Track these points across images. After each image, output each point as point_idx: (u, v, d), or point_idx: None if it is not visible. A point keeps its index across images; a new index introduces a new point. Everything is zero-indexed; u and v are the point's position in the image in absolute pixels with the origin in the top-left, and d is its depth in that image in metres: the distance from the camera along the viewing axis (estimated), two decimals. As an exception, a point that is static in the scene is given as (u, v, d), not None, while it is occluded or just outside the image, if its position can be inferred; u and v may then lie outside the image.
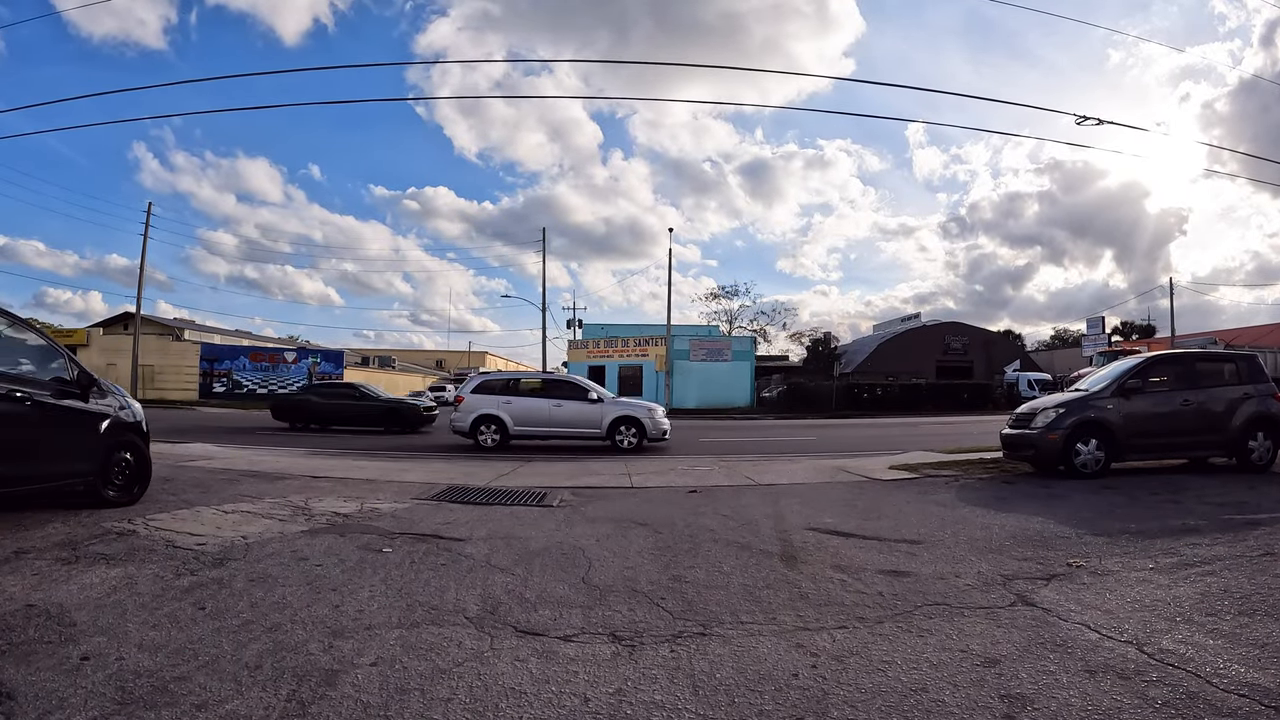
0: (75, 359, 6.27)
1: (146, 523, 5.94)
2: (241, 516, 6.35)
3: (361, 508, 7.01)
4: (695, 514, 7.00)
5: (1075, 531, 6.05)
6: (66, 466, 5.94)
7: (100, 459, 6.29)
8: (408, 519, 6.46)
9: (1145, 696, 2.79)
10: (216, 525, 5.88)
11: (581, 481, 9.60)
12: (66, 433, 5.98)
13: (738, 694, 2.84)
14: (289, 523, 6.09)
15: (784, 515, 6.93)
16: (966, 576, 4.60)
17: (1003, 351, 56.99)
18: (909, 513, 7.11)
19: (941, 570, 4.77)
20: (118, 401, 6.67)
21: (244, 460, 11.48)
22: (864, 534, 6.03)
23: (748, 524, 6.45)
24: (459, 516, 6.67)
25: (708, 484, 9.42)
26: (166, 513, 6.42)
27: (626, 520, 6.60)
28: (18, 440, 5.33)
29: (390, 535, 5.64)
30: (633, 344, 44.77)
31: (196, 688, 2.77)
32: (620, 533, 5.98)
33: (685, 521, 6.57)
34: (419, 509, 7.07)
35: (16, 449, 5.32)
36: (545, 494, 8.24)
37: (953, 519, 6.73)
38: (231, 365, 47.32)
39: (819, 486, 9.31)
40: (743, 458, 13.81)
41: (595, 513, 7.06)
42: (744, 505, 7.56)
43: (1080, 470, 9.59)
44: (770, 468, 11.51)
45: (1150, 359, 10.87)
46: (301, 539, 5.41)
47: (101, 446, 6.31)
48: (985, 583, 4.47)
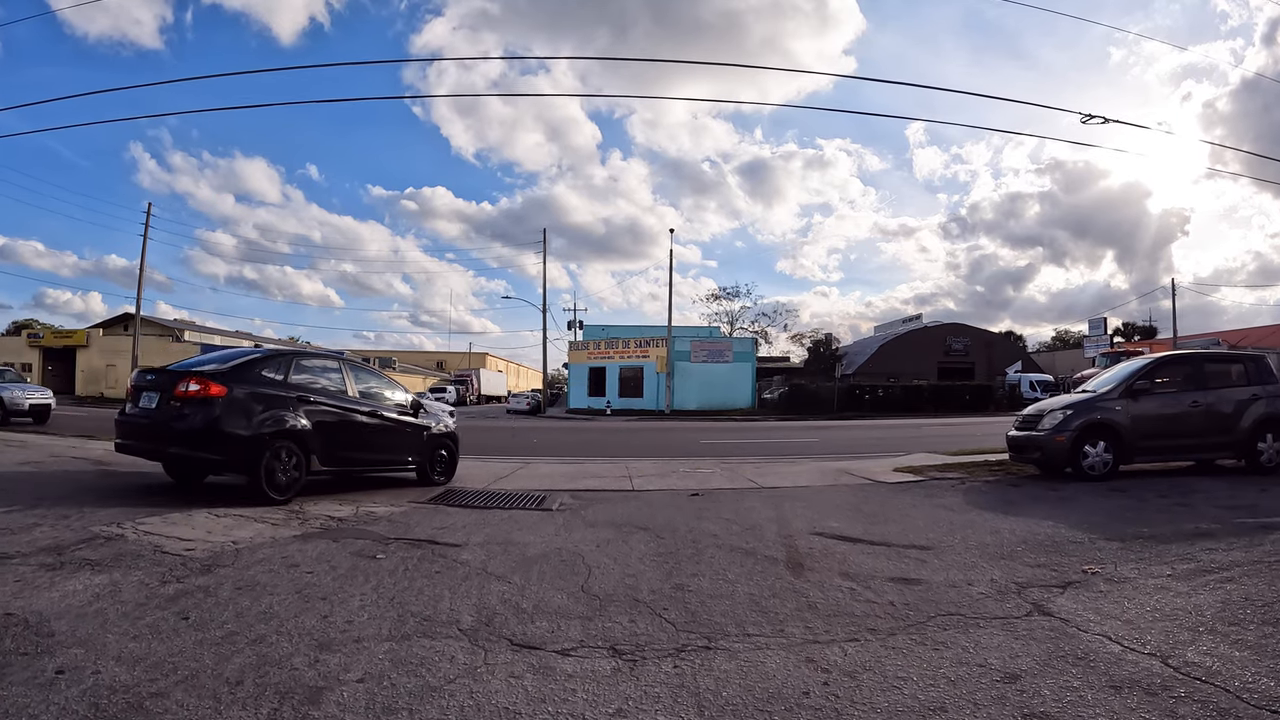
0: (408, 391, 9.56)
1: (136, 527, 5.79)
2: (233, 521, 6.20)
3: (357, 511, 6.86)
4: (698, 518, 6.85)
5: (1088, 536, 5.91)
6: (408, 457, 9.02)
7: (427, 454, 9.22)
8: (403, 523, 6.31)
9: (1175, 715, 2.65)
10: (208, 530, 5.74)
11: (581, 484, 9.46)
12: (407, 437, 8.97)
13: (746, 714, 2.69)
14: (282, 527, 5.95)
15: (788, 520, 6.78)
16: (979, 584, 4.45)
17: (1004, 353, 56.84)
18: (916, 517, 6.97)
19: (953, 578, 4.62)
20: (435, 419, 9.68)
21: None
22: (871, 539, 5.89)
23: (751, 529, 6.30)
24: (455, 521, 6.53)
25: (710, 487, 9.27)
26: (158, 516, 6.27)
27: (627, 525, 6.46)
28: (386, 441, 8.68)
29: (385, 541, 5.49)
30: (634, 345, 44.63)
31: (174, 705, 2.62)
32: (621, 538, 5.83)
33: (688, 526, 6.42)
34: (415, 513, 6.93)
35: (386, 446, 8.72)
36: (544, 497, 8.10)
37: (961, 523, 6.59)
38: (231, 366, 47.13)
39: (823, 490, 9.17)
40: (745, 460, 13.67)
41: (595, 517, 6.92)
42: (747, 509, 7.41)
43: (1088, 473, 9.45)
44: (773, 470, 11.36)
45: (1158, 360, 10.72)
46: (293, 545, 5.25)
47: (426, 446, 9.23)
48: (999, 591, 4.32)
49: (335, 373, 8.29)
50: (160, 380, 7.35)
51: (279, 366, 7.65)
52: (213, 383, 6.97)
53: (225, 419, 6.88)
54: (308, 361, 8.14)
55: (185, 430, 6.84)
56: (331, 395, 7.99)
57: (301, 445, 7.36)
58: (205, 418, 6.82)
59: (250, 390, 7.16)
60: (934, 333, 57.21)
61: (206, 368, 7.33)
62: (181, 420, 6.87)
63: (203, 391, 6.91)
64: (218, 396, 6.91)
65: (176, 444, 6.95)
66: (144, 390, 7.44)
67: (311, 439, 7.46)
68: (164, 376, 7.38)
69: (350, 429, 8.08)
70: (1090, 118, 17.02)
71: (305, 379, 7.78)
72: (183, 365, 7.81)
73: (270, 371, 7.52)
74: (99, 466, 9.78)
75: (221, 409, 6.88)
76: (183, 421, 6.86)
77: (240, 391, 7.07)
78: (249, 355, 7.88)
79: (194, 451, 6.95)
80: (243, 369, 7.35)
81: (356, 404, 8.27)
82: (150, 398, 7.32)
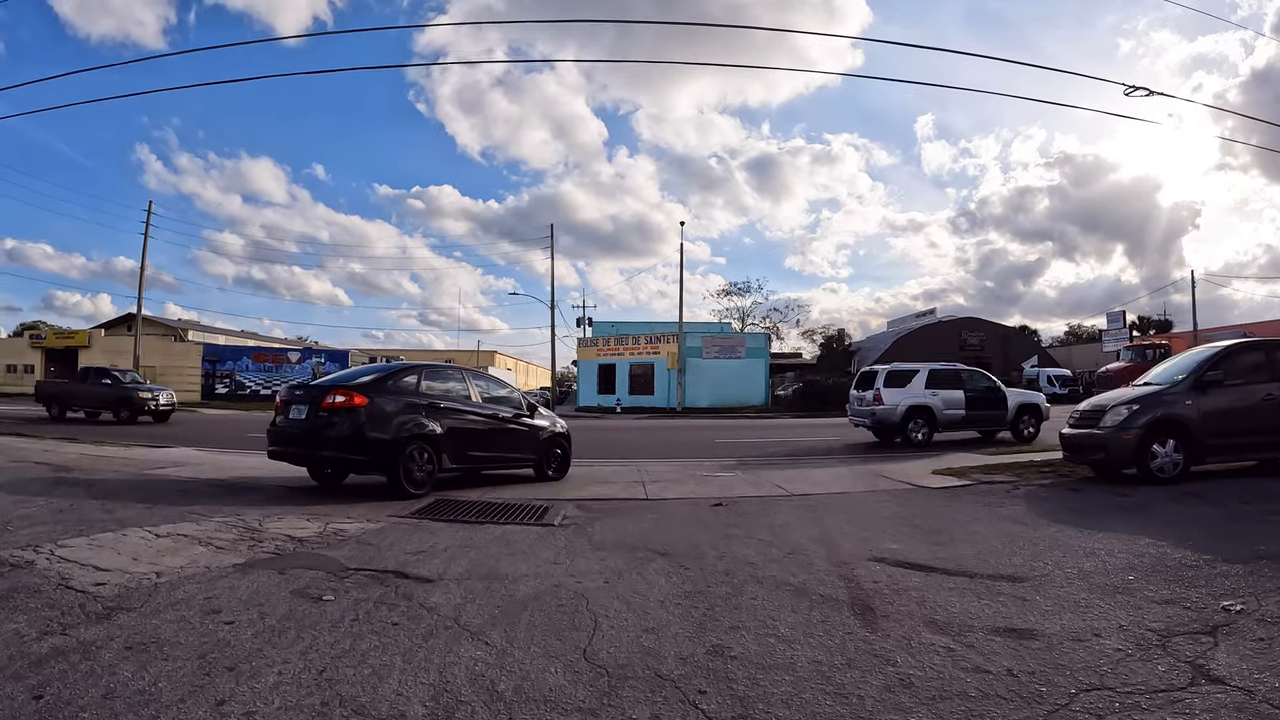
0: (524, 394, 10.40)
1: (54, 550, 4.83)
2: (173, 542, 5.21)
3: (324, 529, 5.86)
4: (726, 538, 5.81)
5: (1201, 558, 4.84)
6: (527, 454, 9.58)
7: (543, 452, 9.74)
8: (373, 546, 5.28)
9: None
10: (134, 555, 4.75)
11: (589, 492, 8.46)
12: (525, 437, 9.52)
13: None
14: (225, 552, 4.94)
15: (835, 539, 5.73)
16: (1109, 635, 3.39)
17: (1019, 347, 55.37)
18: (985, 534, 5.91)
19: (1072, 625, 3.54)
20: (550, 420, 10.11)
21: (218, 466, 10.39)
22: (944, 566, 4.83)
23: (794, 553, 5.26)
24: (437, 542, 5.49)
25: (734, 494, 8.25)
26: (85, 537, 5.30)
27: (642, 547, 5.41)
28: (506, 441, 9.23)
29: (341, 573, 4.45)
30: (644, 342, 43.39)
31: None
32: (636, 568, 4.78)
33: (716, 549, 5.37)
34: (392, 531, 5.92)
35: (507, 445, 9.25)
36: (546, 509, 7.08)
37: (1043, 542, 5.52)
38: (234, 366, 46.24)
39: (861, 497, 8.13)
40: (766, 460, 12.64)
41: (604, 535, 5.89)
42: (783, 525, 6.37)
43: (1156, 475, 8.40)
44: (800, 474, 10.32)
45: (1229, 348, 9.56)
46: (226, 579, 4.22)
47: (543, 445, 9.75)
48: (1138, 645, 3.26)
49: (459, 382, 9.06)
50: (308, 394, 8.12)
51: (412, 378, 8.39)
52: (356, 394, 7.70)
53: (369, 425, 7.59)
54: (436, 373, 8.87)
55: (335, 437, 7.55)
56: (458, 401, 8.70)
57: (434, 446, 8.03)
58: (353, 425, 7.53)
59: (389, 399, 7.89)
60: (949, 327, 55.80)
61: (349, 382, 8.01)
62: (331, 428, 7.57)
63: (348, 402, 7.63)
64: (361, 406, 7.63)
65: (328, 448, 7.66)
66: (293, 404, 8.17)
67: (442, 441, 8.15)
68: (312, 391, 8.14)
69: (475, 431, 8.77)
70: (1134, 89, 16.35)
71: (435, 388, 8.52)
72: (324, 380, 8.56)
73: (405, 383, 8.26)
74: (56, 474, 8.85)
75: (366, 417, 7.60)
76: (332, 429, 7.56)
77: (380, 401, 7.79)
78: (386, 369, 8.75)
79: (343, 454, 7.70)
80: (381, 381, 8.10)
81: (480, 408, 8.98)
82: (299, 410, 8.00)
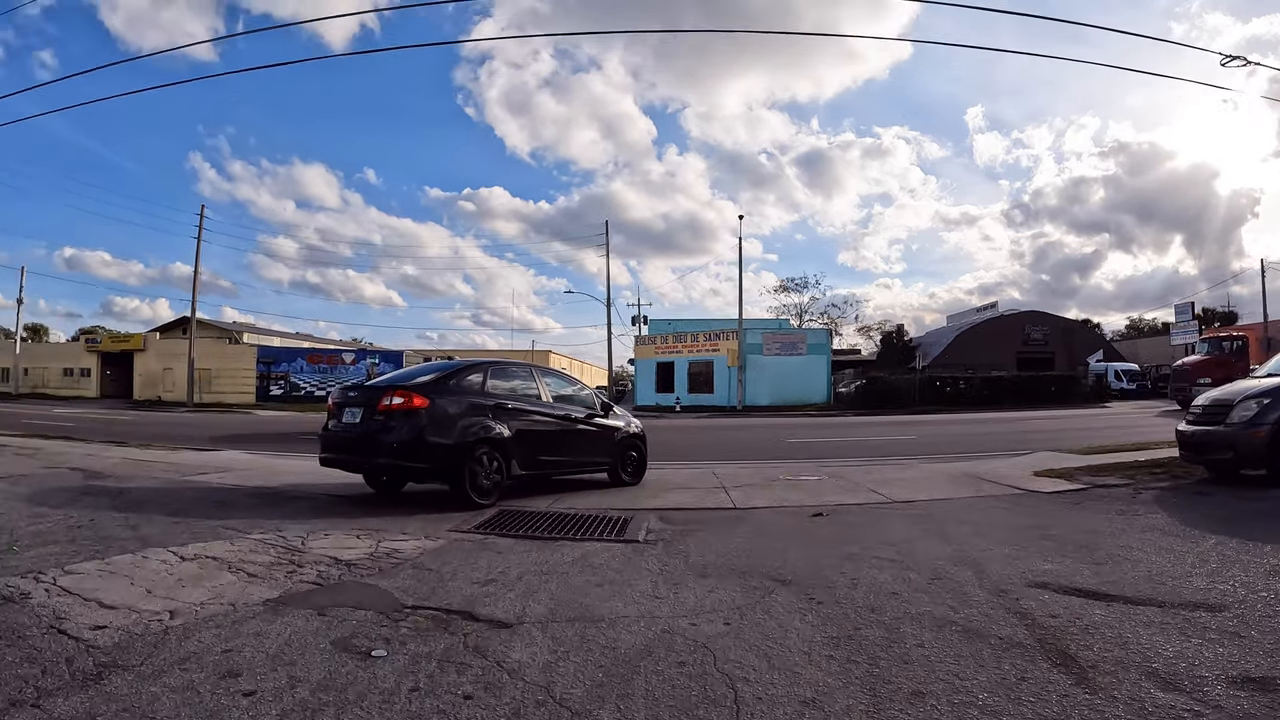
0: (599, 395, 9.40)
1: (56, 579, 4.06)
2: (198, 568, 4.42)
3: (375, 549, 5.02)
4: (845, 557, 4.80)
5: None
6: (602, 458, 8.81)
7: (617, 455, 8.92)
8: (433, 573, 4.39)
9: None
10: (149, 587, 3.94)
11: (668, 500, 7.51)
12: (599, 439, 8.78)
13: None
14: (256, 582, 4.10)
15: (976, 559, 4.67)
16: None
17: (1083, 341, 52.69)
18: (1140, 549, 4.83)
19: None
20: (625, 420, 9.31)
21: (266, 471, 9.73)
22: (1123, 594, 3.77)
23: (938, 578, 4.22)
24: (509, 566, 4.59)
25: (829, 502, 7.22)
26: (98, 560, 4.53)
27: (754, 573, 4.41)
28: (579, 444, 8.53)
29: (395, 614, 3.53)
30: (702, 339, 42.22)
31: None
32: (758, 603, 3.77)
33: (842, 574, 4.36)
34: (454, 552, 5.03)
35: (580, 448, 8.56)
36: (626, 521, 6.15)
37: (1213, 559, 4.50)
38: (289, 367, 46.44)
39: (972, 504, 7.06)
40: (845, 462, 11.52)
41: (702, 555, 4.92)
42: (904, 540, 5.32)
43: (1288, 477, 7.30)
44: (888, 475, 9.24)
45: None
46: (254, 622, 3.35)
47: (617, 448, 8.95)
48: None
49: (527, 379, 8.28)
50: (363, 395, 7.43)
51: (476, 376, 7.67)
52: (416, 395, 7.00)
53: (430, 429, 6.90)
54: (502, 371, 8.05)
55: (393, 442, 6.83)
56: (526, 401, 7.98)
57: (502, 451, 7.31)
58: (412, 429, 6.83)
59: (451, 400, 7.20)
60: (1010, 321, 53.46)
61: (408, 381, 7.34)
62: (388, 432, 6.87)
63: (407, 404, 6.93)
64: (421, 408, 6.93)
65: (385, 455, 6.92)
66: (346, 406, 7.49)
67: (510, 445, 7.43)
68: (367, 392, 7.44)
69: (545, 433, 8.06)
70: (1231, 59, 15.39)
71: (501, 387, 7.80)
72: (380, 380, 7.89)
73: (468, 382, 7.55)
74: (87, 481, 8.25)
75: (426, 419, 6.90)
76: (390, 434, 6.86)
77: (442, 402, 7.10)
78: (448, 368, 7.98)
79: (402, 461, 6.95)
80: (443, 381, 7.43)
81: (550, 408, 8.26)
82: (353, 413, 7.33)
